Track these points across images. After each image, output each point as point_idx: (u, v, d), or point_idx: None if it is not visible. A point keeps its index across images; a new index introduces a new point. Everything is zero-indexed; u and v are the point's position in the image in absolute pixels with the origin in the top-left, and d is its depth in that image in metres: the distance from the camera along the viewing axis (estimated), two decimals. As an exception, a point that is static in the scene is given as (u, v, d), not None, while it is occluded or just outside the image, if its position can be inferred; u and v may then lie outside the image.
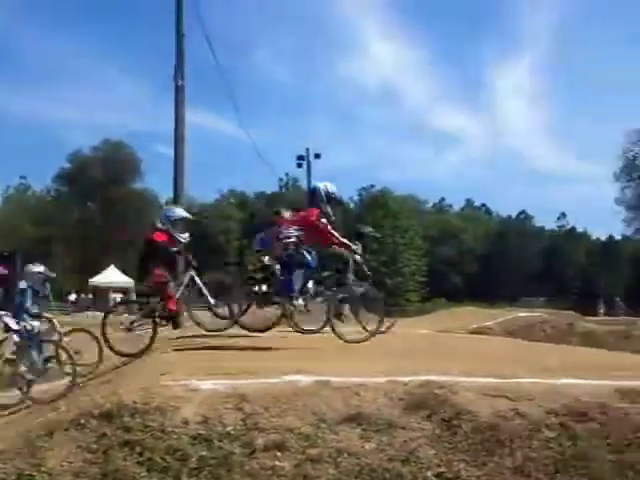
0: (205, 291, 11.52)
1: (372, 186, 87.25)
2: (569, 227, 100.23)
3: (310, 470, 5.21)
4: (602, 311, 54.46)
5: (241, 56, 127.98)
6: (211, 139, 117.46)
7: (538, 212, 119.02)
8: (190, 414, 5.82)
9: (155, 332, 11.12)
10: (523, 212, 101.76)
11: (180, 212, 11.97)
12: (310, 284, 11.03)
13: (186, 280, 11.50)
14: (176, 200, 20.76)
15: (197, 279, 11.53)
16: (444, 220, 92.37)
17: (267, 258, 12.27)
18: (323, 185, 11.73)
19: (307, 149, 55.07)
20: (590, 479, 5.55)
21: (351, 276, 11.80)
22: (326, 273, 11.40)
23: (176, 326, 11.34)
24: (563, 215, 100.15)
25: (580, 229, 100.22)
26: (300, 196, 68.27)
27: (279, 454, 5.35)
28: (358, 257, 12.10)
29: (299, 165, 55.59)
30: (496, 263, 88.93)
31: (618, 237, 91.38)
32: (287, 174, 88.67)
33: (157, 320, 11.11)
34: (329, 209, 11.59)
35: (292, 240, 10.98)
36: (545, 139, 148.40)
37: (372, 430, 5.69)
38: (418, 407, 6.05)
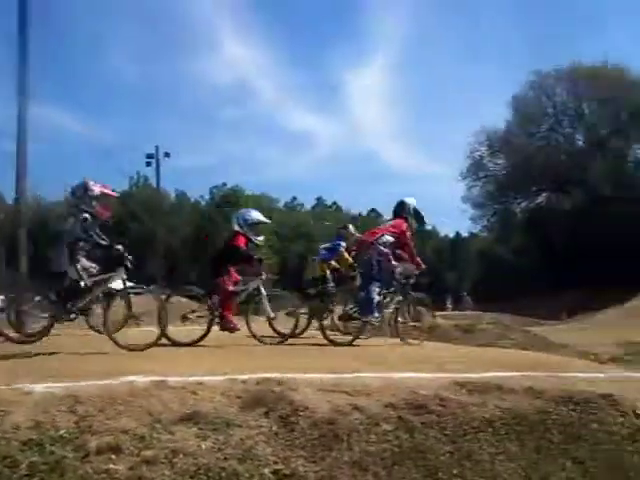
0: (266, 303, 12.01)
1: (224, 184, 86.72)
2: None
3: (145, 472, 5.07)
4: (450, 306, 55.98)
5: (92, 54, 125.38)
6: (59, 136, 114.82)
7: (388, 210, 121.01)
8: (21, 419, 5.56)
9: (210, 328, 11.46)
10: (373, 210, 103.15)
11: (257, 215, 12.52)
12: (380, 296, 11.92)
13: (252, 288, 12.00)
14: (18, 199, 20.19)
15: (262, 290, 11.99)
16: (295, 218, 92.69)
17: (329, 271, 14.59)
18: (411, 200, 12.81)
19: (156, 147, 54.98)
20: (427, 470, 5.65)
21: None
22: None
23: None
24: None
25: (429, 226, 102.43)
26: (150, 194, 67.42)
27: (113, 457, 5.18)
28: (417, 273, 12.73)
29: (148, 164, 55.43)
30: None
31: (465, 234, 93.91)
32: (138, 172, 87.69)
33: (214, 318, 11.55)
34: (413, 223, 12.62)
35: (388, 248, 11.93)
36: (396, 139, 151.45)
37: (209, 429, 5.59)
38: (255, 405, 6.00)
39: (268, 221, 12.95)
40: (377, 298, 11.71)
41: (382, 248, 11.84)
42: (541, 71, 68.65)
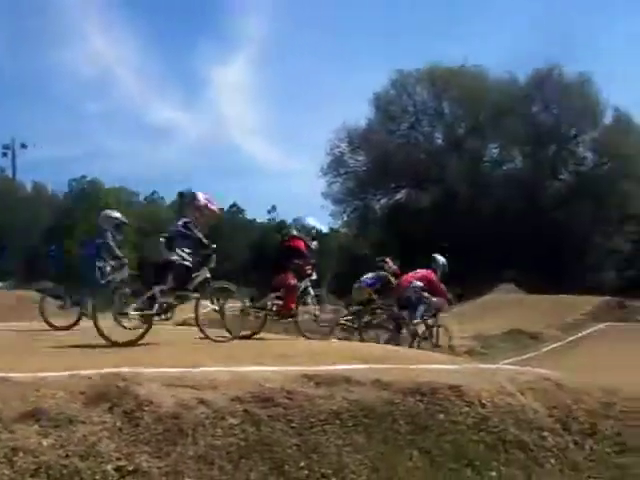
0: (313, 302, 13.24)
1: (83, 177, 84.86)
2: (279, 220, 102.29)
3: (-17, 472, 4.97)
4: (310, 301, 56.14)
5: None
6: None
7: (250, 206, 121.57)
8: None
9: (265, 321, 12.75)
10: (234, 205, 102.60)
11: (314, 222, 14.73)
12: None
13: (302, 287, 13.00)
14: None
15: (311, 290, 13.20)
16: (156, 212, 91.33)
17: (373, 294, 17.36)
18: (441, 256, 18.85)
19: (13, 138, 53.97)
20: (274, 463, 5.70)
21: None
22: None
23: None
24: (274, 208, 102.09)
25: (289, 222, 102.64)
26: (7, 186, 65.66)
27: (-51, 457, 5.06)
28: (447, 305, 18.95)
29: (4, 154, 54.66)
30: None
31: (325, 230, 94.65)
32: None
33: (269, 313, 12.74)
34: (439, 271, 18.35)
35: (418, 290, 17.26)
36: (260, 135, 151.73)
37: (50, 426, 5.47)
38: (99, 400, 5.91)
39: (323, 228, 14.62)
40: (421, 311, 17.29)
41: (417, 288, 17.25)
42: (403, 70, 69.54)
